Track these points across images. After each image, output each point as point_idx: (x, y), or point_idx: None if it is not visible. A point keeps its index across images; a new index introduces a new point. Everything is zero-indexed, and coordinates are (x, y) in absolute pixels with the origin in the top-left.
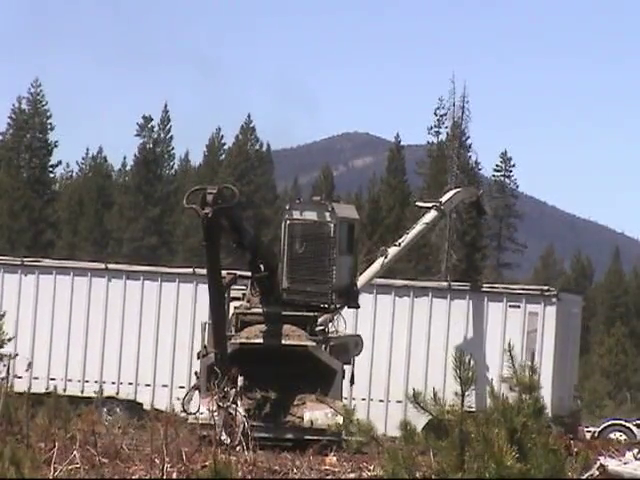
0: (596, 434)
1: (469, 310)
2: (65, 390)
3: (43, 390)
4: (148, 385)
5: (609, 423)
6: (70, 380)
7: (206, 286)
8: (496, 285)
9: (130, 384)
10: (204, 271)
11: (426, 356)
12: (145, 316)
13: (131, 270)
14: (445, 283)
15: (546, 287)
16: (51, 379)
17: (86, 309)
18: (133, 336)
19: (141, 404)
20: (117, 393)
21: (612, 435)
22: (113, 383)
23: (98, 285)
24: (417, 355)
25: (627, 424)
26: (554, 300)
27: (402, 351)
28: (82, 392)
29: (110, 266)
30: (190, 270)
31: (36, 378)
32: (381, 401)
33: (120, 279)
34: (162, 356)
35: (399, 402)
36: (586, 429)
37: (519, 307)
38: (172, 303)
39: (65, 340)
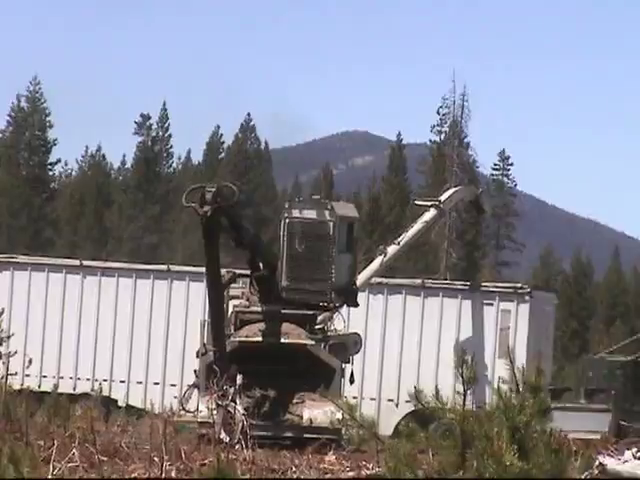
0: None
1: (442, 308)
2: (39, 386)
3: (18, 386)
4: (123, 382)
5: None
6: (45, 376)
7: (181, 283)
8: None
9: (105, 380)
10: (178, 268)
11: (399, 353)
12: (119, 313)
13: (106, 267)
14: (419, 280)
15: (519, 285)
16: (26, 376)
17: (61, 306)
18: (108, 333)
19: (116, 400)
20: (92, 389)
21: None
22: (88, 379)
23: (73, 282)
24: (390, 352)
25: None
26: (527, 298)
27: (375, 348)
28: (57, 388)
29: (85, 263)
30: (165, 267)
31: (12, 374)
32: (355, 398)
33: (95, 276)
34: (137, 353)
35: (373, 399)
36: None
37: (492, 305)
38: (147, 300)
39: (40, 337)
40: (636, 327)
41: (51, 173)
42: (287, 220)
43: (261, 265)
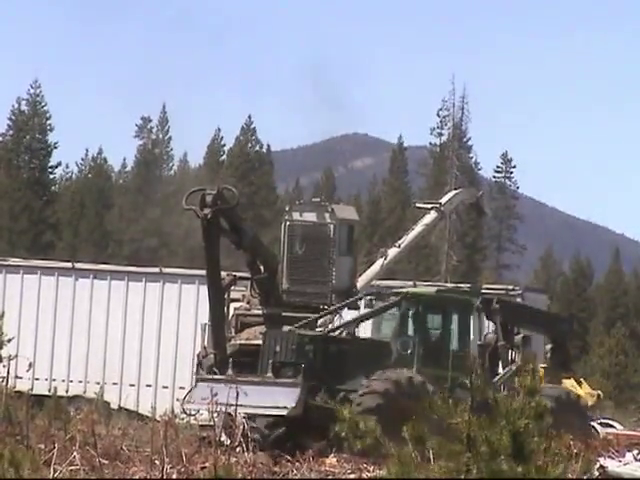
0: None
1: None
2: (32, 389)
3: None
4: (115, 384)
5: None
6: (37, 379)
7: (173, 285)
8: (460, 285)
9: (97, 383)
10: (170, 270)
11: None
12: (112, 315)
13: (98, 269)
14: (410, 282)
15: (511, 286)
16: (18, 377)
17: (53, 308)
18: (100, 335)
19: (108, 403)
20: (84, 392)
21: None
22: (80, 382)
23: (65, 284)
24: None
25: (591, 422)
26: (519, 299)
27: None
28: (49, 391)
29: (77, 265)
30: (157, 269)
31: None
32: None
33: (87, 278)
34: (129, 355)
35: None
36: None
37: None
38: (139, 302)
39: (33, 339)
40: (636, 329)
41: (52, 176)
42: (288, 223)
43: (261, 268)
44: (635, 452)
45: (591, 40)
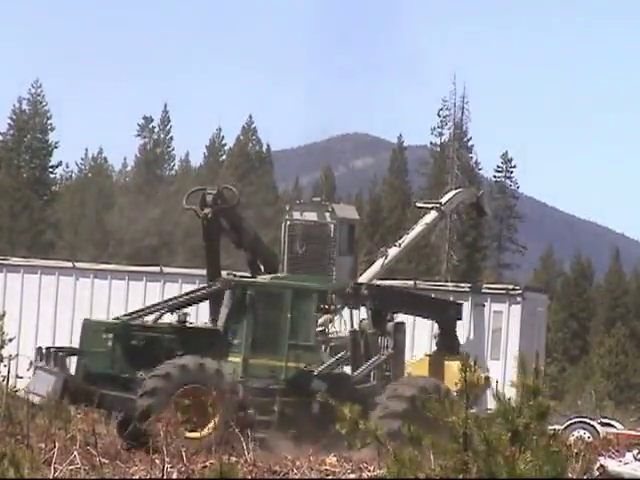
0: (559, 432)
1: None
2: None
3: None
4: None
5: (573, 421)
6: None
7: (174, 285)
8: (461, 284)
9: None
10: (171, 270)
11: None
12: (112, 315)
13: (99, 269)
14: (411, 282)
15: (511, 286)
16: (19, 377)
17: (54, 308)
18: None
19: None
20: None
21: (576, 433)
22: None
23: (65, 284)
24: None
25: (591, 422)
26: (519, 299)
27: None
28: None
29: (77, 265)
30: (157, 269)
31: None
32: None
33: (88, 278)
34: None
35: None
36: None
37: (484, 306)
38: (140, 302)
39: (33, 339)
40: (637, 328)
41: (52, 176)
42: (288, 222)
43: (262, 267)
44: (635, 452)
45: (591, 40)
